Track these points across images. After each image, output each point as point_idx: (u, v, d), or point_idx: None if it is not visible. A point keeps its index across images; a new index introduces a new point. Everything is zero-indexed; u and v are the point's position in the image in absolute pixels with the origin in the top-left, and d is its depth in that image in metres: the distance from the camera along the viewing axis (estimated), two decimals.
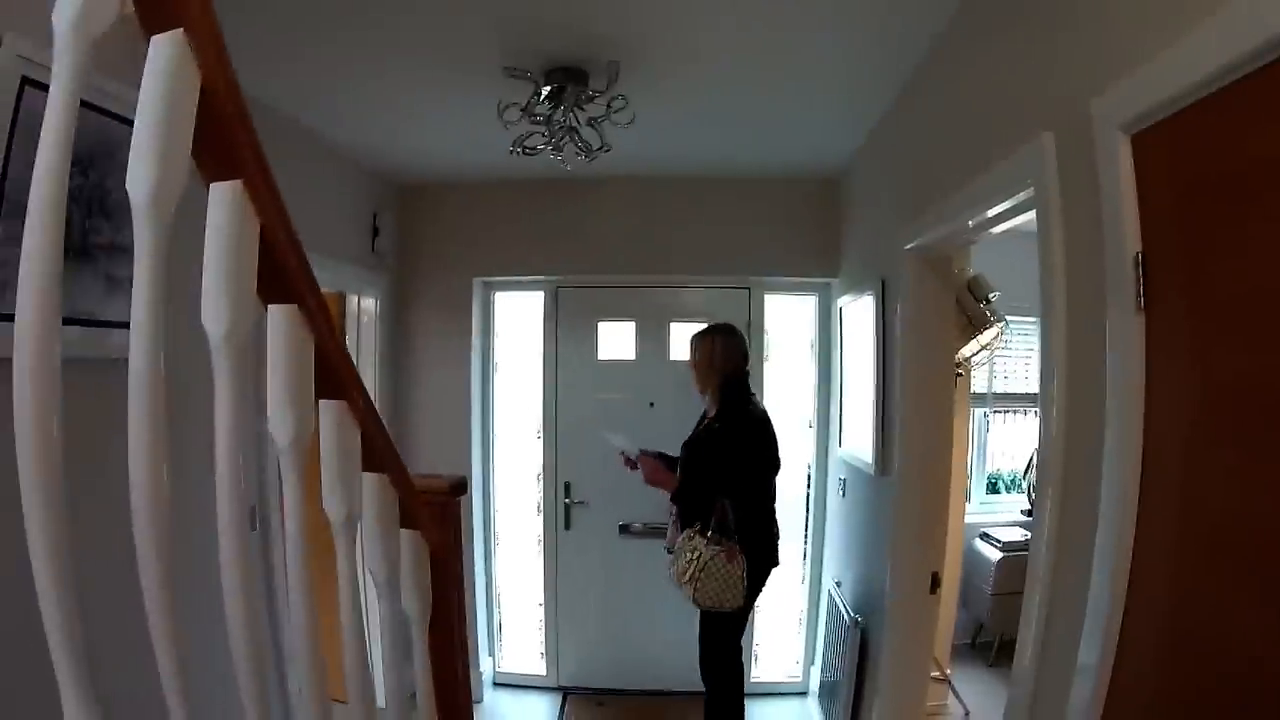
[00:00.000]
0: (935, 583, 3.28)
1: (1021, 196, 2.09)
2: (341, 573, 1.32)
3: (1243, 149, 1.24)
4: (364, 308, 4.63)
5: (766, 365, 5.01)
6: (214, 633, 1.09)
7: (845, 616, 3.94)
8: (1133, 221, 1.52)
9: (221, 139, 1.05)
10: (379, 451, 1.39)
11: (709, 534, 3.50)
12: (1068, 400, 1.85)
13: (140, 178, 0.95)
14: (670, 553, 3.73)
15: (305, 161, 3.89)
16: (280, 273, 1.15)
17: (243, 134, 1.07)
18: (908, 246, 3.11)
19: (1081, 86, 1.69)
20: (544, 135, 3.17)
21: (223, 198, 1.07)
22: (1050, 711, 1.80)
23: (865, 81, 3.22)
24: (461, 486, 1.85)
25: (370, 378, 4.59)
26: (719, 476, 3.56)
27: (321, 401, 1.27)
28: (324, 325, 1.21)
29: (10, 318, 0.88)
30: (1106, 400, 1.62)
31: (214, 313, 1.04)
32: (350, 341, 4.60)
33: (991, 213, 2.36)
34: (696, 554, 3.48)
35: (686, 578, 3.51)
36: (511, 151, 3.28)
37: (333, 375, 1.25)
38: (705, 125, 3.83)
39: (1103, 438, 1.62)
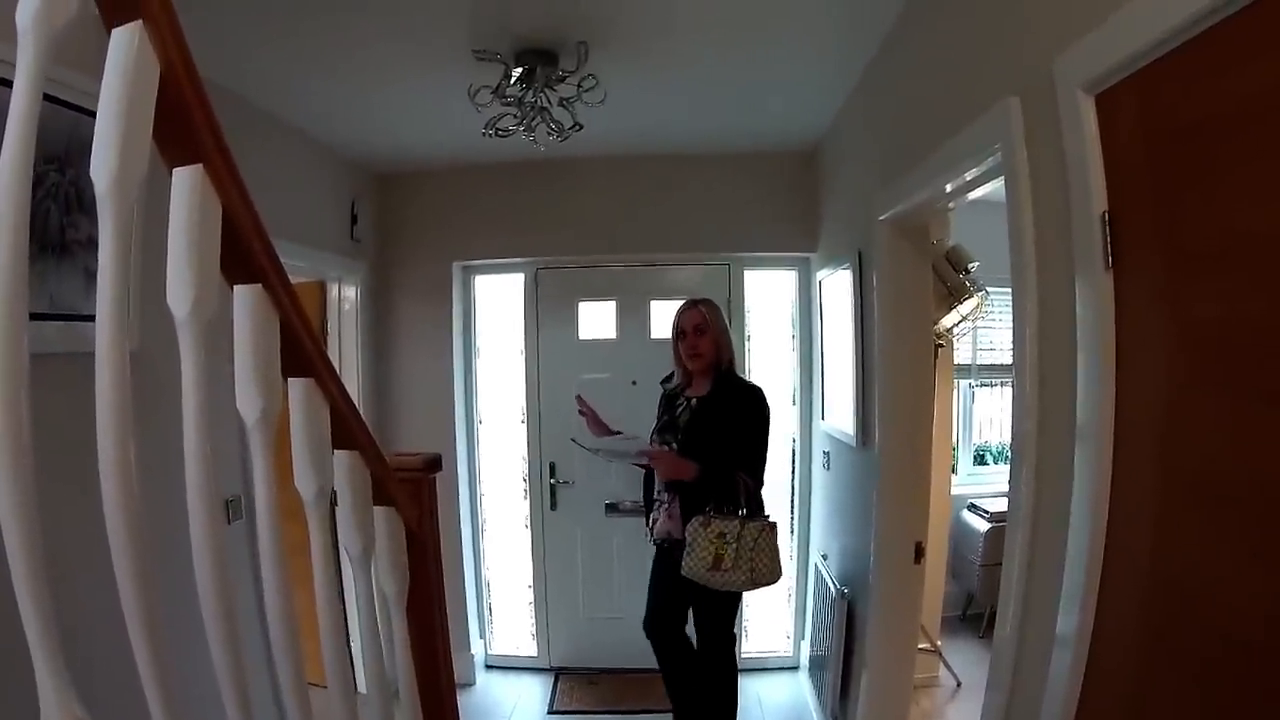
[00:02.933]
0: (919, 553, 3.31)
1: (990, 162, 2.12)
2: (315, 550, 1.34)
3: (1205, 101, 1.26)
4: (344, 295, 4.63)
5: (749, 341, 5.05)
6: (198, 624, 1.10)
7: (832, 589, 3.98)
8: (1098, 181, 1.54)
9: (182, 125, 1.07)
10: (350, 428, 1.41)
11: (740, 512, 3.33)
12: (1040, 362, 1.87)
13: (103, 165, 0.96)
14: (663, 544, 3.61)
15: (282, 152, 3.89)
16: (244, 253, 1.17)
17: (202, 119, 1.09)
18: (882, 216, 3.13)
19: (1045, 49, 1.71)
20: (515, 117, 3.17)
21: (185, 182, 1.09)
22: (1033, 677, 1.83)
23: (835, 49, 3.22)
24: (436, 463, 1.86)
25: (352, 365, 4.61)
26: (741, 451, 3.44)
27: (290, 379, 1.29)
28: (289, 304, 1.22)
29: None
30: (1078, 360, 1.64)
31: (178, 293, 1.06)
32: (332, 329, 4.60)
33: (963, 179, 2.38)
34: (735, 536, 3.28)
35: (729, 563, 3.27)
36: (484, 134, 3.28)
37: (300, 353, 1.27)
38: (679, 100, 3.83)
39: (1076, 398, 1.65)
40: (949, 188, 2.51)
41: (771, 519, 3.42)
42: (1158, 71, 1.35)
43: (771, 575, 3.36)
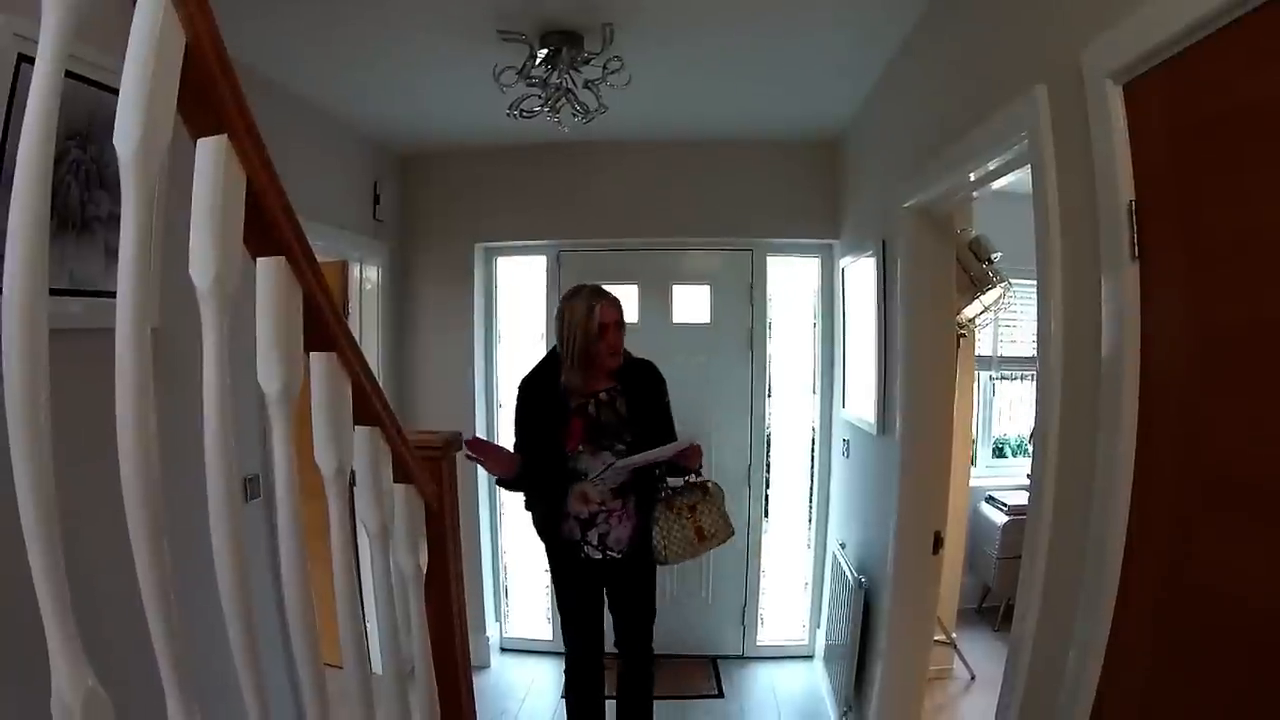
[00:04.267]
0: (938, 543, 3.29)
1: (1017, 150, 2.10)
2: (333, 527, 1.33)
3: (1236, 92, 1.24)
4: (366, 276, 4.63)
5: (769, 328, 5.02)
6: (215, 603, 1.09)
7: (849, 578, 3.96)
8: (1125, 171, 1.52)
9: (206, 94, 1.07)
10: (370, 405, 1.40)
11: (690, 478, 3.28)
12: (1064, 353, 1.85)
13: (126, 132, 0.96)
14: (615, 557, 3.30)
15: (305, 130, 3.89)
16: (267, 225, 1.17)
17: (227, 89, 1.08)
18: (906, 204, 3.10)
19: (1074, 37, 1.68)
20: (540, 98, 3.15)
21: (209, 152, 1.08)
22: (1049, 673, 1.82)
23: (864, 36, 3.18)
24: (457, 442, 1.86)
25: (373, 345, 4.62)
26: (668, 421, 3.38)
27: (311, 354, 1.29)
28: (311, 278, 1.22)
29: None
30: (1102, 351, 1.62)
31: (201, 264, 1.06)
32: (353, 309, 4.60)
33: (988, 167, 2.36)
34: (701, 500, 3.24)
35: (710, 527, 3.23)
36: (509, 114, 3.27)
37: (322, 327, 1.26)
38: (705, 84, 3.80)
39: (1100, 389, 1.63)
40: (973, 176, 2.49)
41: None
42: (1188, 61, 1.32)
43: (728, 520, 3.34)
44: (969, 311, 4.36)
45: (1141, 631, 1.51)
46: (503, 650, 5.24)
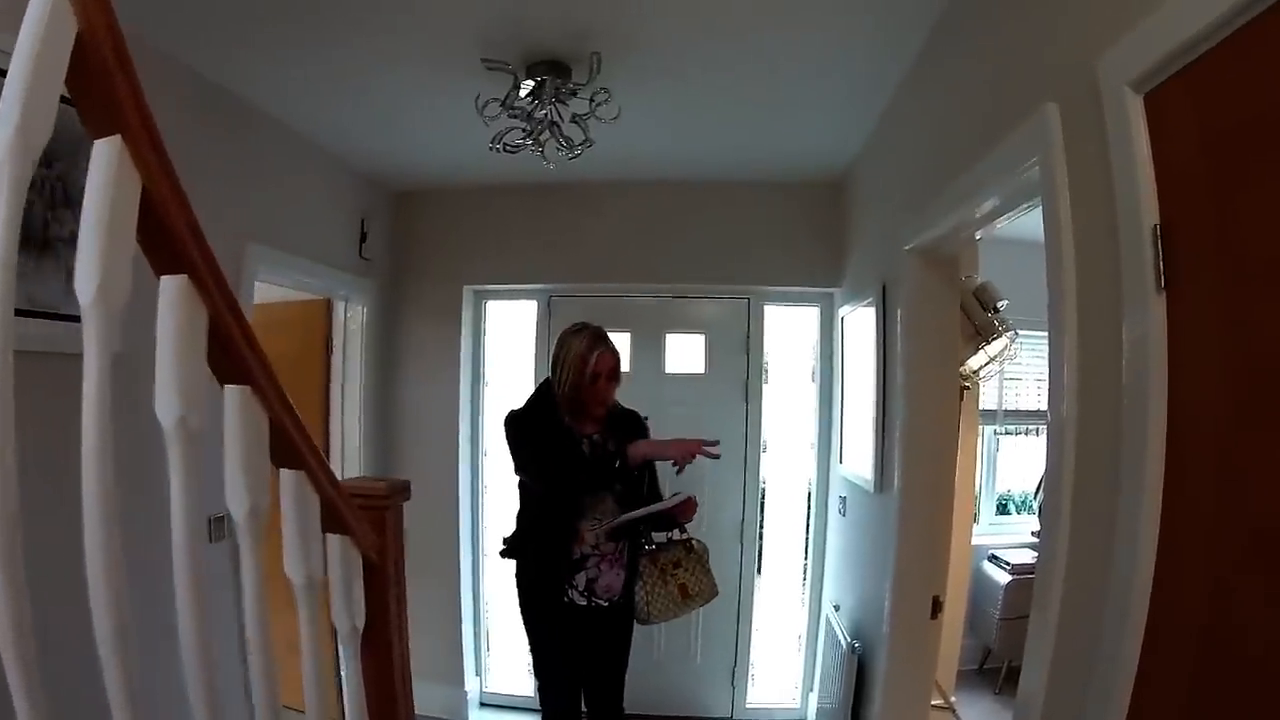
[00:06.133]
0: (936, 607, 3.12)
1: (1027, 178, 1.94)
2: (245, 576, 1.18)
3: (1272, 93, 1.10)
4: (351, 315, 4.51)
5: (765, 381, 4.86)
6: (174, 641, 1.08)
7: (842, 642, 3.78)
8: (1149, 189, 1.37)
9: (101, 90, 0.99)
10: (293, 445, 1.26)
11: (672, 534, 3.22)
12: (1080, 397, 1.69)
13: (4, 122, 0.90)
14: (603, 607, 3.14)
15: (292, 163, 3.79)
16: (169, 239, 1.05)
17: (123, 85, 1.00)
18: (909, 246, 2.97)
19: (1086, 48, 1.56)
20: (524, 130, 3.04)
21: (101, 154, 0.99)
22: None
23: (865, 70, 3.06)
24: (404, 490, 1.71)
25: (356, 385, 4.50)
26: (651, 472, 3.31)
27: (225, 387, 1.15)
28: (220, 300, 1.08)
29: None
30: (1124, 395, 1.46)
31: (84, 275, 0.96)
32: (336, 347, 4.50)
33: (995, 201, 2.23)
34: (684, 556, 3.19)
35: (694, 584, 3.17)
36: (492, 148, 3.16)
37: (233, 356, 1.13)
38: (699, 120, 3.68)
39: (1121, 436, 1.46)
40: (979, 212, 2.36)
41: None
42: (1222, 57, 1.18)
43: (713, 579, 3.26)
44: (973, 362, 4.20)
45: (1168, 712, 1.34)
46: (482, 705, 5.02)
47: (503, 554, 3.23)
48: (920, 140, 2.98)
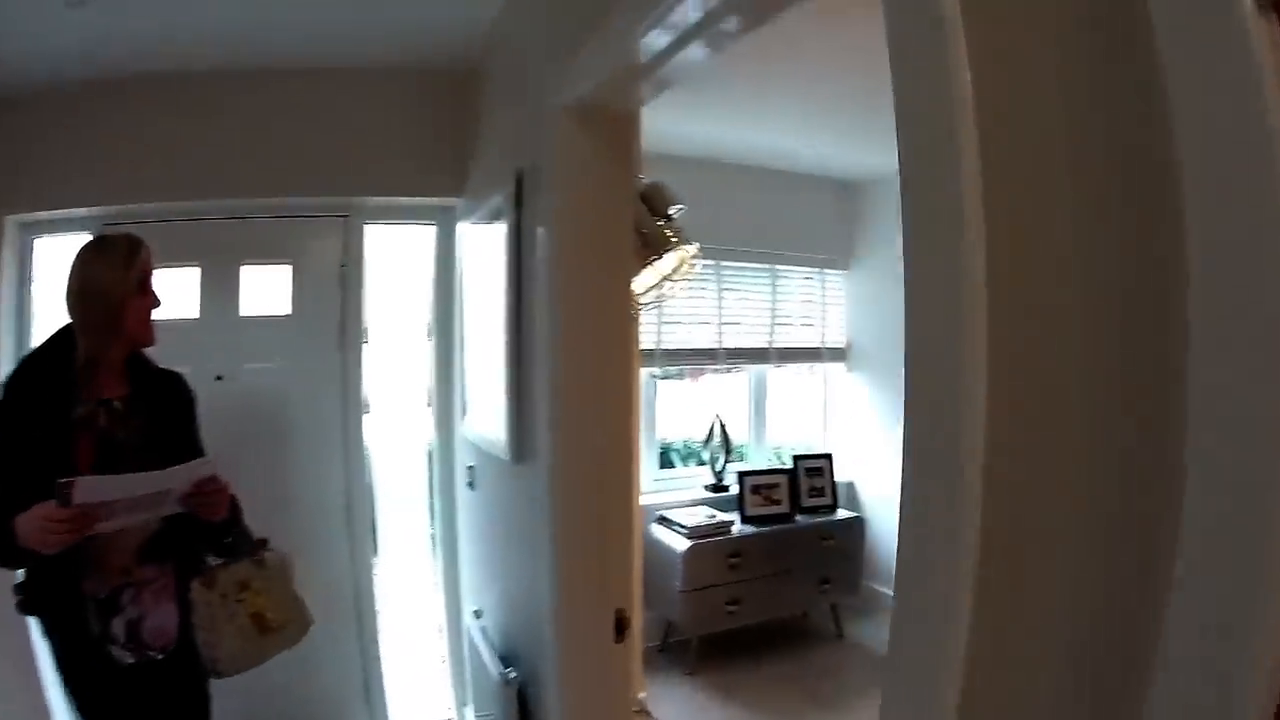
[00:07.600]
0: (622, 626, 2.18)
1: None
2: None
3: None
4: None
5: (366, 318, 3.73)
6: None
7: (492, 670, 2.74)
8: None
9: None
10: None
11: (254, 546, 2.31)
12: None
13: None
14: (148, 661, 2.15)
15: None
16: None
17: None
18: (561, 100, 1.96)
19: None
20: None
21: None
22: None
23: None
24: None
25: None
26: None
27: None
28: None
29: None
30: None
31: None
32: None
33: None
34: (260, 574, 2.26)
35: (275, 615, 2.26)
36: None
37: None
38: None
39: None
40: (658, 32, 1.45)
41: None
42: None
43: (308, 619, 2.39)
44: (640, 282, 3.22)
45: None
46: None
47: (19, 608, 2.12)
48: None
